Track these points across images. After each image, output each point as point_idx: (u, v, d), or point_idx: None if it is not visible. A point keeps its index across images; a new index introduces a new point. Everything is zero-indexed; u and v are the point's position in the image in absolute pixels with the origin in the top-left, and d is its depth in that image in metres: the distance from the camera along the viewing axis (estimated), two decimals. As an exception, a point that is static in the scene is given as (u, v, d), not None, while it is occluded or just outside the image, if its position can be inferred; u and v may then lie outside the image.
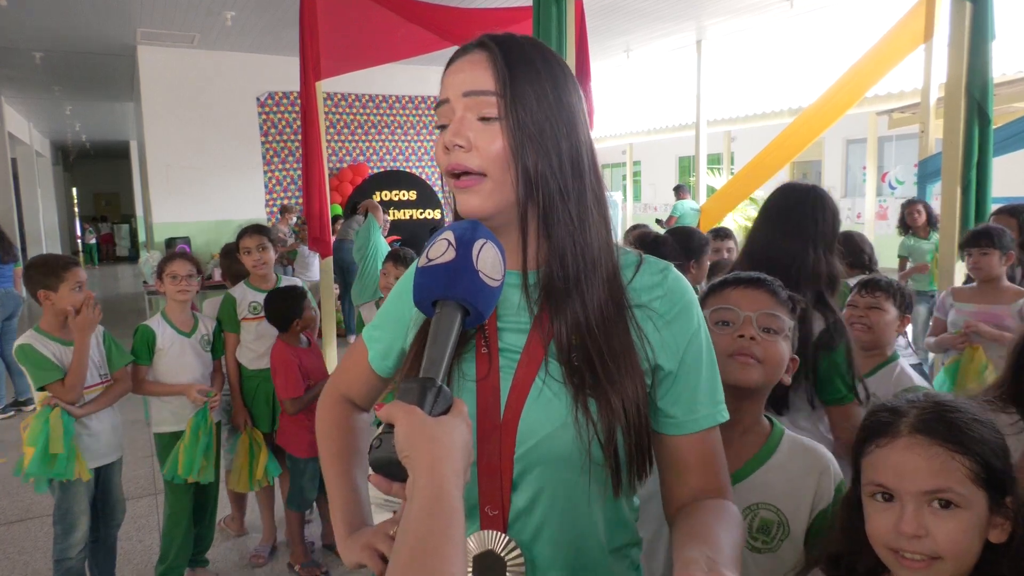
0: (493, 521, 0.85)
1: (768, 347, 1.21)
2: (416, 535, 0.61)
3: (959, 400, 0.91)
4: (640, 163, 17.37)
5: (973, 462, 0.84)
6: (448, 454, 0.67)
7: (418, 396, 0.70)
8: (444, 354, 0.74)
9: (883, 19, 5.72)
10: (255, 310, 3.14)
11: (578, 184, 0.86)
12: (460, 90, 0.84)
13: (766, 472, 1.20)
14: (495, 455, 0.85)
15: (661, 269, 0.91)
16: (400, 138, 9.59)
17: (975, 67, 3.31)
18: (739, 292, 1.27)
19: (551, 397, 0.84)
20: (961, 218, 3.40)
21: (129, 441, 4.15)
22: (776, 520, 1.18)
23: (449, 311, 0.77)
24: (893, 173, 11.75)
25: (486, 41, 0.85)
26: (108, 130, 15.18)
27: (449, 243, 0.79)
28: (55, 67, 8.68)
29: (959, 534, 0.84)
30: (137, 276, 12.50)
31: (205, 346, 2.95)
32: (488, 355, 0.87)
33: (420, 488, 0.64)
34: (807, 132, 5.36)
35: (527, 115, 0.82)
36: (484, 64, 0.83)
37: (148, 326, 2.83)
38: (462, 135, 0.83)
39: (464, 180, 0.84)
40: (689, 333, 0.89)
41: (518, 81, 0.83)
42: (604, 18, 7.21)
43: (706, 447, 0.90)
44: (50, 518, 2.56)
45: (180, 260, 2.90)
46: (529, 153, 0.82)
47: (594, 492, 0.86)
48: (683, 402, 0.89)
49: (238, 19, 6.87)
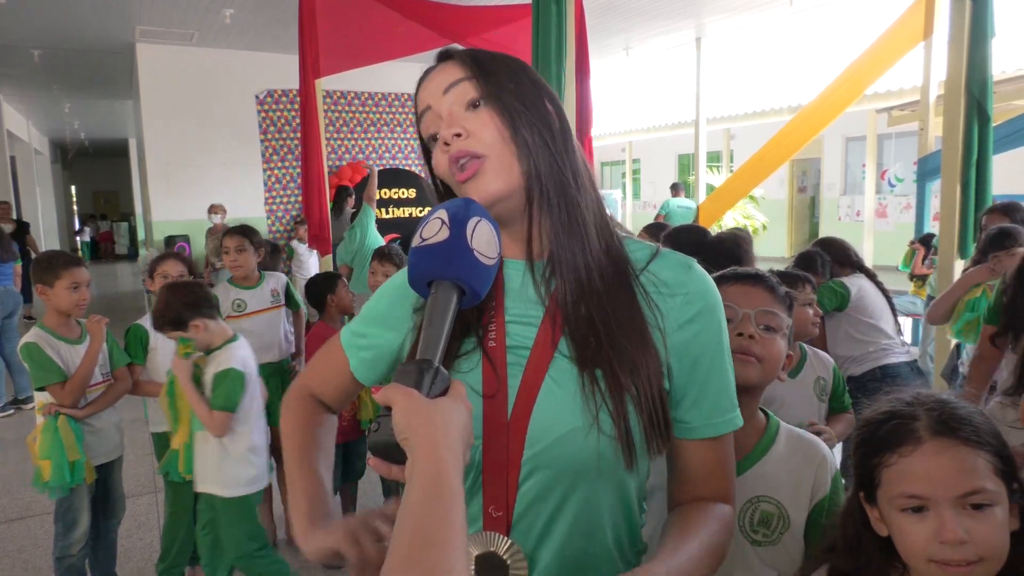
0: (496, 523, 0.83)
1: (767, 345, 1.21)
2: (416, 518, 0.61)
3: (952, 395, 0.90)
4: (639, 161, 17.36)
5: (993, 455, 0.83)
6: (446, 436, 0.66)
7: (415, 378, 0.70)
8: (441, 335, 0.73)
9: (882, 16, 5.72)
10: (239, 307, 3.15)
11: (573, 163, 0.87)
12: (439, 90, 0.86)
13: (765, 465, 1.20)
14: (502, 455, 0.82)
15: (682, 264, 0.88)
16: (399, 136, 9.57)
17: (975, 64, 3.32)
18: (737, 289, 1.26)
19: (563, 396, 0.82)
20: (961, 216, 3.40)
21: (129, 440, 4.14)
22: (776, 513, 1.18)
23: (444, 291, 0.75)
24: (892, 171, 11.75)
25: (447, 51, 0.89)
26: (107, 128, 15.15)
27: (443, 222, 0.77)
28: (54, 65, 8.66)
29: (997, 532, 0.82)
30: (136, 274, 12.49)
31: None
32: (494, 360, 0.85)
33: (419, 471, 0.64)
34: (806, 130, 5.36)
35: (505, 91, 0.84)
36: (451, 65, 0.87)
37: (140, 325, 2.79)
38: (457, 125, 0.83)
39: (470, 168, 0.83)
40: (709, 334, 0.86)
41: (485, 65, 0.86)
42: (603, 16, 7.20)
43: (719, 452, 0.88)
44: (50, 516, 2.56)
45: (171, 260, 2.88)
46: (524, 126, 0.84)
47: (604, 497, 0.84)
48: (701, 407, 0.86)
49: (237, 17, 6.86)
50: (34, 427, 2.45)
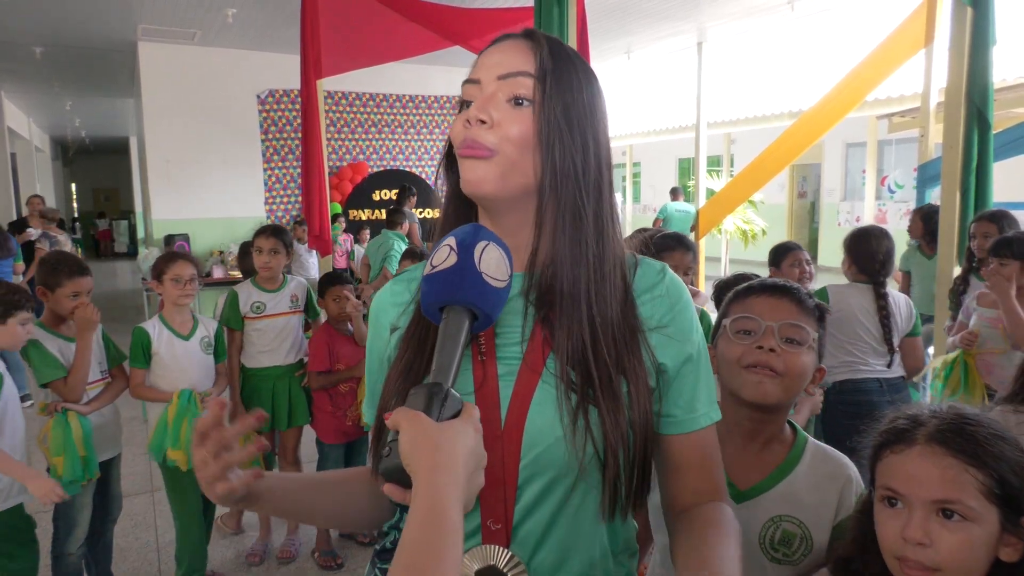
0: (495, 535, 0.83)
1: (789, 359, 1.16)
2: (410, 554, 0.60)
3: (983, 415, 0.90)
4: (640, 164, 17.39)
5: (987, 477, 0.83)
6: (449, 462, 0.65)
7: (425, 401, 0.69)
8: (453, 360, 0.73)
9: (884, 23, 5.72)
10: (257, 309, 3.13)
11: (597, 190, 0.85)
12: (495, 72, 0.83)
13: (791, 483, 1.17)
14: (498, 465, 0.81)
15: (658, 270, 0.92)
16: (400, 137, 9.57)
17: (975, 72, 3.32)
18: (762, 300, 1.22)
19: (555, 404, 0.82)
20: (960, 223, 3.40)
21: (127, 438, 4.14)
22: (799, 533, 1.15)
23: (456, 316, 0.76)
24: (892, 177, 11.77)
25: (533, 31, 0.85)
26: (108, 126, 15.16)
27: (451, 248, 0.78)
28: (55, 62, 8.66)
29: (963, 548, 0.83)
30: (135, 272, 12.48)
31: (206, 349, 2.80)
32: (484, 363, 0.85)
33: (418, 500, 0.63)
34: (807, 135, 5.37)
35: (561, 105, 0.81)
36: (526, 49, 0.83)
37: (143, 329, 2.70)
38: (486, 111, 0.81)
39: (476, 149, 0.81)
40: (687, 333, 0.89)
41: (559, 70, 0.82)
42: (605, 19, 7.20)
43: (704, 446, 0.90)
44: (47, 515, 2.55)
45: (183, 261, 2.73)
46: (557, 144, 0.81)
47: (597, 499, 0.85)
48: (682, 401, 0.88)
49: (239, 16, 6.86)
50: (34, 425, 2.45)
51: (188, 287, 2.70)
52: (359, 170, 9.20)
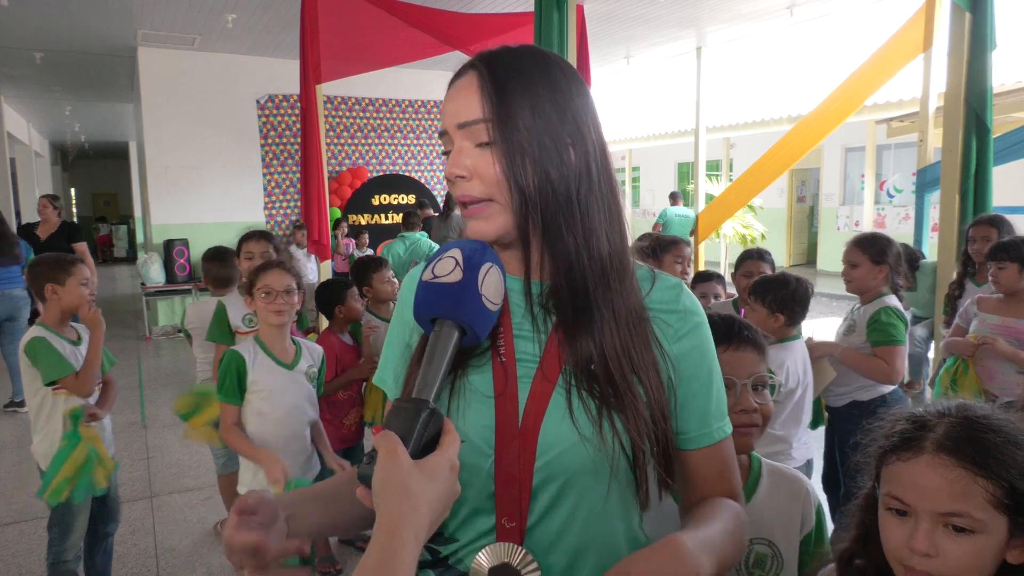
0: (509, 533, 0.84)
1: (763, 406, 1.23)
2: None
3: (994, 416, 0.87)
4: (639, 169, 17.40)
5: (997, 487, 0.81)
6: (413, 512, 0.64)
7: (408, 421, 0.69)
8: (439, 375, 0.74)
9: (883, 28, 5.74)
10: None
11: (586, 194, 0.85)
12: (454, 122, 0.84)
13: (754, 507, 1.19)
14: (514, 465, 0.83)
15: (674, 285, 0.93)
16: (400, 142, 9.59)
17: (974, 76, 3.33)
18: (730, 355, 1.23)
19: (572, 408, 0.83)
20: (959, 227, 3.41)
21: (125, 444, 4.13)
22: (770, 553, 1.19)
23: (448, 331, 0.77)
24: (891, 181, 11.78)
25: (475, 62, 0.85)
26: (107, 131, 15.16)
27: (456, 263, 0.80)
28: (55, 67, 8.67)
29: (971, 558, 0.82)
30: (134, 277, 12.46)
31: (311, 381, 2.36)
32: (505, 365, 0.86)
33: (377, 547, 0.63)
34: (806, 140, 5.37)
35: (521, 135, 0.81)
36: (473, 89, 0.83)
37: (237, 352, 2.22)
38: (460, 165, 0.83)
39: (472, 209, 0.85)
40: (702, 350, 0.91)
41: (509, 101, 0.81)
42: (605, 24, 7.22)
43: (720, 459, 0.92)
44: (44, 521, 2.54)
45: (277, 270, 2.23)
46: (526, 173, 0.81)
47: (616, 501, 0.86)
48: (696, 418, 0.90)
49: (239, 21, 6.87)
50: (27, 431, 2.44)
51: (280, 300, 2.21)
52: (359, 175, 9.21)
